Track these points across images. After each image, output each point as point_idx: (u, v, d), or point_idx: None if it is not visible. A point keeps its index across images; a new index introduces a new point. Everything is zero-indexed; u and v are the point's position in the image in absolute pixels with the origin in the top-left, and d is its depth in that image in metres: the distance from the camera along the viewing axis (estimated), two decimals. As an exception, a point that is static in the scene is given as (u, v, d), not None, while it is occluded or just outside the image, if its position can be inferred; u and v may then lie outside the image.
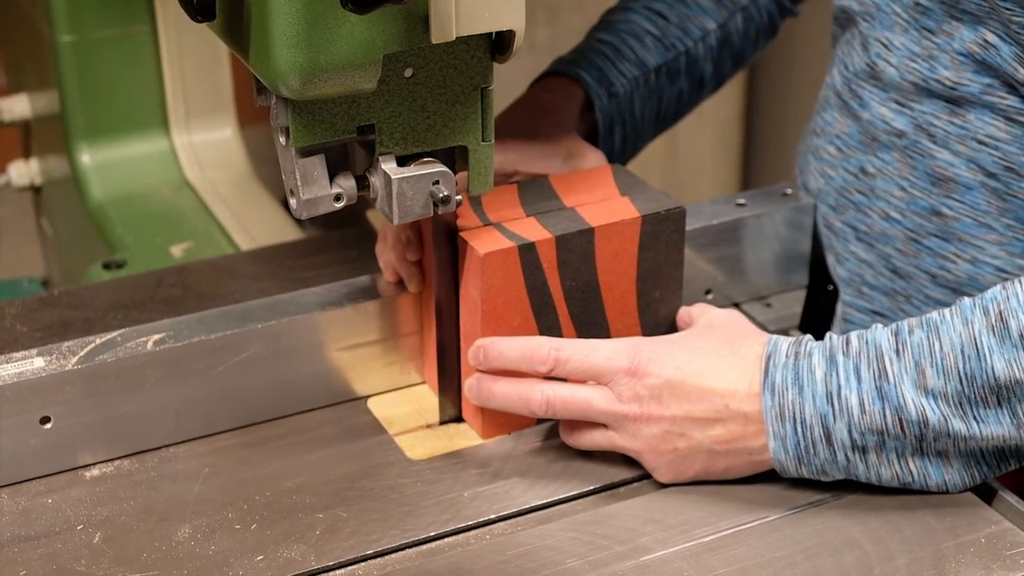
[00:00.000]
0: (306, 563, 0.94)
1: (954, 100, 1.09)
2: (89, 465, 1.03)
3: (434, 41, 0.91)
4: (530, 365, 1.01)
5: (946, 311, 0.95)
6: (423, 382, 1.12)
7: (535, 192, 1.08)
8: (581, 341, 1.01)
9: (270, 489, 1.01)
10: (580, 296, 1.05)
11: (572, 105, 1.24)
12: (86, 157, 1.63)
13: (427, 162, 0.98)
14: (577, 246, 1.04)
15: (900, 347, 0.95)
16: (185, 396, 1.04)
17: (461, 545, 0.96)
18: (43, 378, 0.99)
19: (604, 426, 1.01)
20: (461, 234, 1.02)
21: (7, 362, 0.99)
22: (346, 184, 0.98)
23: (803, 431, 0.96)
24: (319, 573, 0.94)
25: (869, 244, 1.19)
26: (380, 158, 0.97)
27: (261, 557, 0.94)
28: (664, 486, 1.01)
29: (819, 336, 1.00)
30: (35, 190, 1.88)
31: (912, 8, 1.10)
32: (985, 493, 0.99)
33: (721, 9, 1.33)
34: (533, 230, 1.03)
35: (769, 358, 0.98)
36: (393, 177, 0.97)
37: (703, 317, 1.06)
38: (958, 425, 0.93)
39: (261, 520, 0.98)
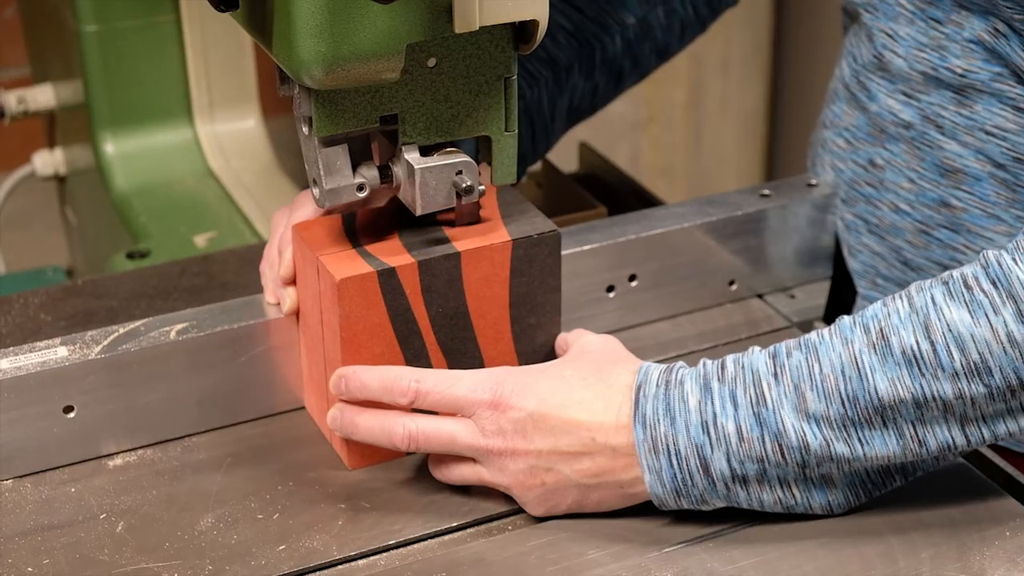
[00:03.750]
0: (328, 553, 0.94)
1: (962, 89, 1.08)
2: (112, 454, 1.03)
3: (457, 31, 0.90)
4: (391, 397, 0.96)
5: (825, 331, 0.92)
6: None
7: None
8: (444, 372, 0.97)
9: (292, 479, 1.01)
10: (448, 323, 1.01)
11: None
12: (110, 147, 1.63)
13: (450, 152, 0.98)
14: (442, 271, 0.99)
15: (778, 371, 0.91)
16: (208, 386, 1.04)
17: (483, 536, 0.96)
18: (66, 367, 0.99)
19: (473, 460, 0.97)
20: (319, 258, 0.98)
21: (31, 351, 1.00)
22: (369, 174, 0.98)
23: (679, 463, 0.92)
24: (341, 563, 0.94)
25: (880, 236, 1.18)
26: (403, 148, 0.97)
27: (283, 547, 0.95)
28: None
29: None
30: (59, 180, 1.89)
31: None
32: (1010, 486, 0.98)
33: (641, 2, 1.27)
34: (397, 254, 0.99)
35: (639, 388, 0.94)
36: (416, 167, 0.96)
37: (576, 343, 1.02)
38: (841, 448, 0.90)
39: (283, 510, 0.98)
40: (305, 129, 0.96)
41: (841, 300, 1.25)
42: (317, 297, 1.00)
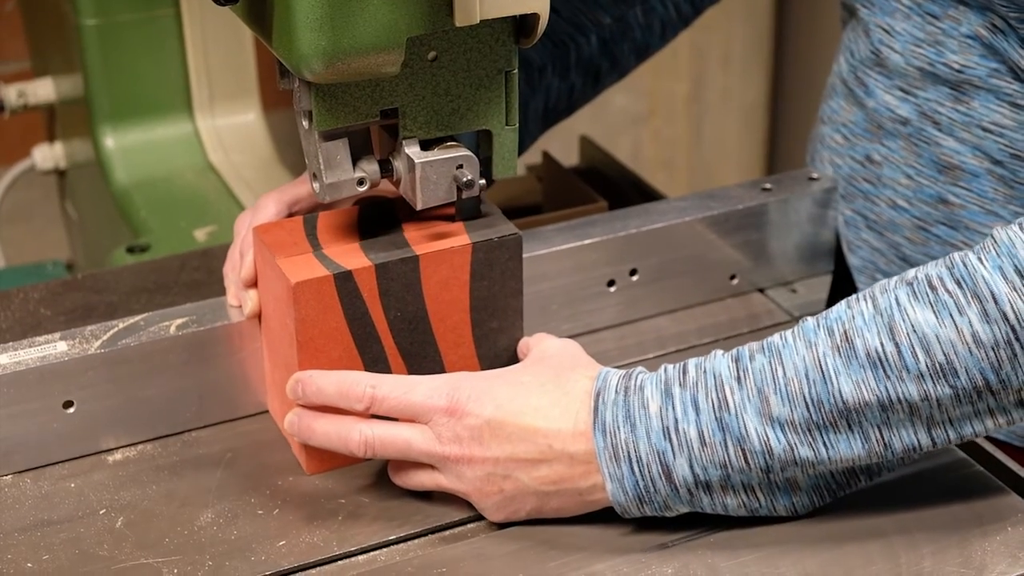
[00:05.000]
0: (328, 548, 0.94)
1: (959, 85, 1.08)
2: (112, 449, 1.03)
3: (458, 24, 0.90)
4: (347, 402, 0.95)
5: (788, 333, 0.91)
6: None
7: (376, 216, 1.03)
8: (401, 378, 0.95)
9: (292, 474, 1.01)
10: (407, 327, 1.00)
11: None
12: (110, 141, 1.63)
13: (451, 146, 0.98)
14: (400, 275, 0.98)
15: (741, 374, 0.90)
16: (208, 380, 1.04)
17: (483, 532, 0.96)
18: (66, 362, 0.99)
19: (431, 466, 0.96)
20: (276, 261, 0.97)
21: (30, 346, 0.99)
22: (369, 168, 0.97)
23: (640, 470, 0.91)
24: (341, 559, 0.94)
25: (879, 233, 1.18)
26: (403, 142, 0.97)
27: (283, 542, 0.94)
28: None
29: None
30: (60, 174, 1.89)
31: None
32: (1012, 481, 0.98)
33: (618, 2, 1.25)
34: (354, 258, 0.98)
35: (598, 395, 0.93)
36: (416, 161, 0.96)
37: (536, 348, 1.00)
38: (805, 452, 0.89)
39: (283, 505, 0.98)
40: (305, 123, 0.96)
41: (843, 294, 1.24)
42: (277, 300, 0.99)
